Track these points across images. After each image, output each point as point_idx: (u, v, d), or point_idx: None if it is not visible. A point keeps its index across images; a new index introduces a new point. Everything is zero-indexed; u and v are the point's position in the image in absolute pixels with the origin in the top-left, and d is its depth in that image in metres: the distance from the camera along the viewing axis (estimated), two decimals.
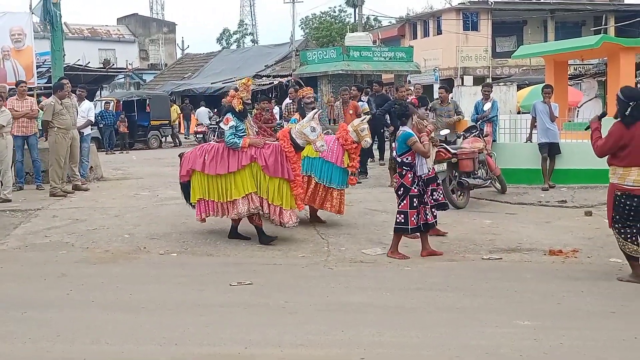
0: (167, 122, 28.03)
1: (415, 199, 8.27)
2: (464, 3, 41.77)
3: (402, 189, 8.30)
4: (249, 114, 9.09)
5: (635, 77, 21.40)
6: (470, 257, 8.32)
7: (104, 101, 26.57)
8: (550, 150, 13.05)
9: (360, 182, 13.82)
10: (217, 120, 25.59)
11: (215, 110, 29.99)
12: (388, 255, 8.32)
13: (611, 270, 7.61)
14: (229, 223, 9.23)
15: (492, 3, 41.08)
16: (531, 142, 13.54)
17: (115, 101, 26.61)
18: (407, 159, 8.30)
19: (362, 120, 9.35)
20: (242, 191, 8.62)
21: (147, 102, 27.80)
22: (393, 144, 8.68)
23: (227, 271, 7.72)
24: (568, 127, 14.53)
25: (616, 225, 7.12)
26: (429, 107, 9.47)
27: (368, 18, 56.69)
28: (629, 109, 6.99)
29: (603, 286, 7.02)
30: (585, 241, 8.93)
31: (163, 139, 26.62)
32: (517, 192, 12.54)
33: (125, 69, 45.72)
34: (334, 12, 65.63)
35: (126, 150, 25.33)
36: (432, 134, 9.31)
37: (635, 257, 7.12)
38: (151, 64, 54.93)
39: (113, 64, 46.21)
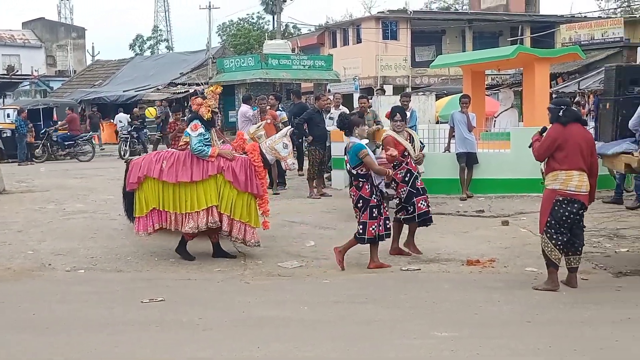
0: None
1: (374, 209, 8.15)
2: (383, 12, 42.26)
3: (361, 201, 8.15)
4: (215, 124, 8.72)
5: (550, 87, 21.99)
6: (389, 269, 8.27)
7: (18, 109, 25.42)
8: (468, 160, 13.21)
9: (279, 194, 13.73)
10: (129, 129, 25.01)
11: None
12: (369, 267, 8.21)
13: (527, 279, 7.67)
14: (141, 237, 8.79)
15: (411, 12, 41.73)
16: (449, 152, 13.67)
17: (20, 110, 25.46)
18: (361, 170, 8.16)
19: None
20: (205, 203, 8.26)
21: (54, 110, 26.79)
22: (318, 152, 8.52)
23: (138, 287, 7.46)
24: (485, 137, 14.76)
25: (549, 231, 7.18)
26: (398, 119, 9.06)
27: (287, 26, 56.88)
28: (561, 112, 7.22)
29: (519, 295, 7.06)
30: (502, 250, 9.01)
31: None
32: (435, 202, 12.56)
33: (30, 75, 44.32)
34: (252, 19, 65.61)
35: (30, 161, 24.02)
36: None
37: (556, 265, 7.20)
38: (59, 70, 53.26)
39: (17, 70, 44.77)
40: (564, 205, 7.15)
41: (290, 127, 9.20)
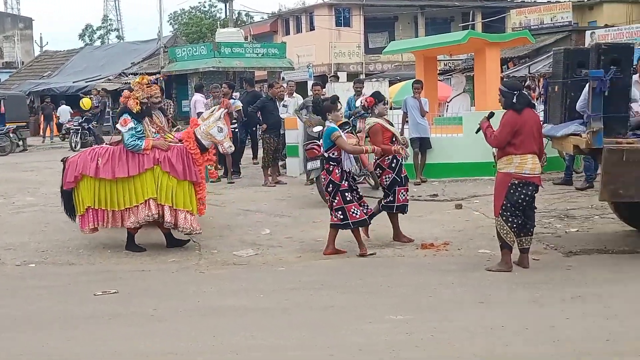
0: (25, 123, 26.36)
1: (347, 193, 8.08)
2: None
3: (330, 185, 8.09)
4: (148, 115, 8.57)
5: (501, 71, 22.21)
6: (345, 254, 8.29)
7: None
8: (422, 145, 13.30)
9: (234, 182, 13.68)
10: (80, 120, 24.52)
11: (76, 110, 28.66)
12: (324, 254, 8.14)
13: (480, 261, 7.75)
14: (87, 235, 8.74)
15: None
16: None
17: None
18: (333, 154, 8.13)
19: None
20: (142, 197, 8.19)
21: (2, 102, 26.13)
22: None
23: (91, 280, 7.35)
24: (438, 122, 14.86)
25: (505, 214, 7.25)
26: (385, 101, 9.04)
27: (239, 14, 56.33)
28: (515, 97, 7.28)
29: (473, 277, 7.14)
30: (456, 234, 9.09)
31: (21, 142, 24.79)
32: None
33: None
34: (204, 7, 64.84)
35: None
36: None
37: (510, 247, 7.30)
38: (6, 62, 51.84)
39: None
40: (519, 189, 7.24)
41: (224, 109, 9.06)
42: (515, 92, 7.34)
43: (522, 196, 7.24)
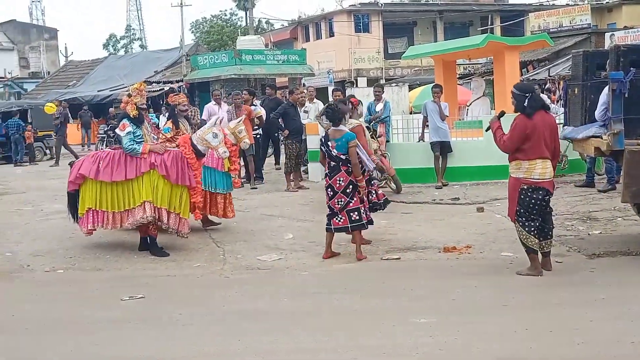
0: (53, 132, 26.69)
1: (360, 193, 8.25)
2: (354, 5, 42.29)
3: (351, 186, 8.17)
4: (145, 120, 8.89)
5: (521, 75, 22.15)
6: (368, 258, 8.32)
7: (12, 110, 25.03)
8: (442, 148, 13.31)
9: (257, 188, 13.77)
10: (105, 129, 24.74)
11: (101, 118, 28.96)
12: (358, 258, 8.20)
13: (503, 264, 7.76)
14: (119, 236, 8.91)
15: (382, 5, 41.77)
16: (424, 141, 13.75)
17: None
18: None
19: (239, 122, 9.56)
20: (139, 199, 8.39)
21: (29, 112, 26.43)
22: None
23: (117, 285, 7.44)
24: (458, 126, 14.86)
25: (520, 219, 7.25)
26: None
27: (260, 21, 56.68)
28: (527, 101, 7.16)
29: (495, 280, 7.15)
30: (478, 237, 9.09)
31: (48, 151, 25.17)
32: (411, 191, 12.69)
33: (4, 78, 43.59)
34: (225, 15, 65.32)
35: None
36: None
37: (535, 250, 7.28)
38: (32, 72, 52.49)
39: None
40: (529, 193, 7.19)
41: (218, 116, 9.45)
42: (527, 95, 7.18)
43: (533, 201, 7.18)
